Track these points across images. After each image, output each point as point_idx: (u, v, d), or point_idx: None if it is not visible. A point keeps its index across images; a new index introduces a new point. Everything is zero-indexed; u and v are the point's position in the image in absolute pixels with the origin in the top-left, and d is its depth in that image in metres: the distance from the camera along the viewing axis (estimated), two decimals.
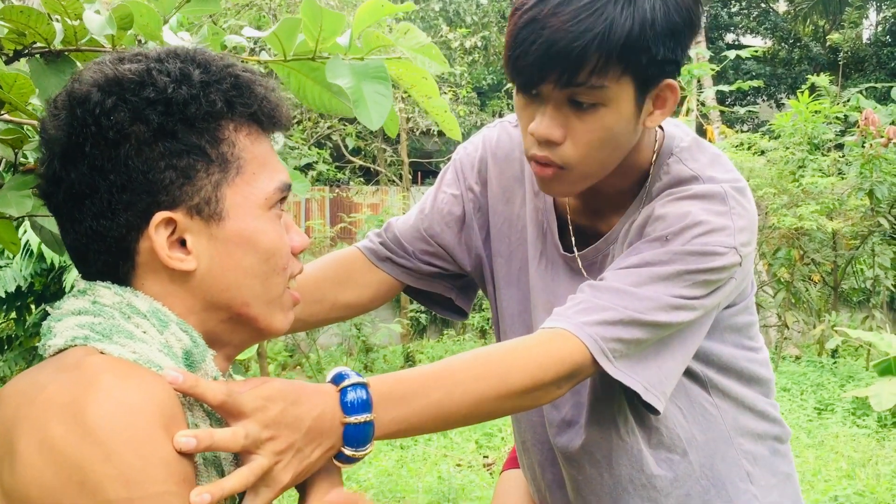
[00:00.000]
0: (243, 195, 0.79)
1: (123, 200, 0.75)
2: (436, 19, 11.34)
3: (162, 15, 1.01)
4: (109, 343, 0.73)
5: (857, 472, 4.18)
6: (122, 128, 0.74)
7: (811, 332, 7.53)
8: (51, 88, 0.92)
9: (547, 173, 1.03)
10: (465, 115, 10.11)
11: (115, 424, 0.66)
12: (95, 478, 0.65)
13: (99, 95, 0.74)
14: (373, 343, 7.95)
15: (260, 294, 0.81)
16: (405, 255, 1.26)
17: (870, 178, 6.64)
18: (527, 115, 1.03)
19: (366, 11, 1.02)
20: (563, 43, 0.93)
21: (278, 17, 6.93)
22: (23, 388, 0.71)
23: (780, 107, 14.71)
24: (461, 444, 4.90)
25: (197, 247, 0.77)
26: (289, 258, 0.84)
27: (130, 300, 0.76)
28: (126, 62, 0.77)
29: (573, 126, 0.99)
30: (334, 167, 9.29)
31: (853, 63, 14.69)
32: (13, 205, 0.94)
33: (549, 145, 1.01)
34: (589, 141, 1.00)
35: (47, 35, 0.93)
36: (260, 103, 0.80)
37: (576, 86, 0.96)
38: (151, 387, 0.70)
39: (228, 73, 0.79)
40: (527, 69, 0.97)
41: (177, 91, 0.75)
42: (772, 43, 15.84)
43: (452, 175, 1.28)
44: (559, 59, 0.94)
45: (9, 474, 0.67)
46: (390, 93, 0.99)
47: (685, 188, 1.08)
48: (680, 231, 1.04)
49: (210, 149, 0.77)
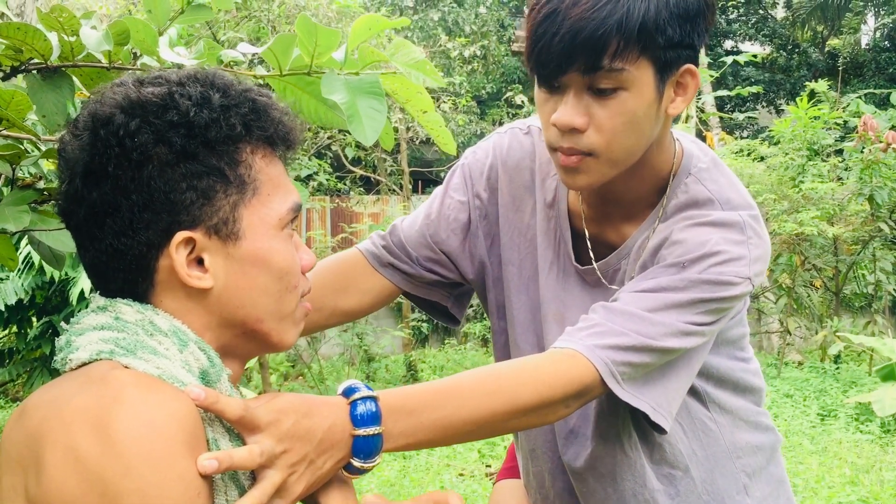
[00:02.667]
0: (259, 216, 0.82)
1: (145, 219, 0.77)
2: (434, 29, 11.37)
3: (157, 27, 1.01)
4: (134, 358, 0.74)
5: (860, 478, 4.16)
6: (146, 149, 0.76)
7: (813, 337, 7.53)
8: (48, 104, 0.93)
9: (573, 162, 1.04)
10: (465, 124, 10.12)
11: (138, 440, 0.67)
12: (115, 490, 0.66)
13: (123, 117, 0.77)
14: (374, 352, 7.94)
15: (273, 311, 0.84)
16: (408, 261, 1.26)
17: (870, 184, 6.64)
18: (548, 109, 1.04)
19: (361, 26, 1.03)
20: (586, 31, 0.95)
21: (277, 29, 6.96)
22: (49, 400, 0.73)
23: (779, 113, 14.71)
24: (464, 453, 4.89)
25: (214, 265, 0.79)
26: (300, 276, 0.87)
27: (152, 318, 0.79)
28: (148, 85, 0.80)
29: (595, 113, 1.01)
30: (335, 177, 9.30)
31: (852, 68, 14.71)
32: (11, 220, 0.94)
33: (573, 134, 1.02)
34: (612, 126, 1.01)
35: (44, 51, 0.94)
36: (276, 127, 0.83)
37: (598, 71, 0.98)
38: (175, 403, 0.71)
39: (246, 98, 0.82)
40: (551, 60, 0.98)
41: (198, 114, 0.78)
42: (770, 49, 15.86)
43: (460, 180, 1.28)
44: (582, 48, 0.96)
45: (35, 484, 0.69)
46: (385, 108, 1.00)
47: (704, 213, 1.09)
48: (698, 259, 1.05)
49: (228, 170, 0.79)
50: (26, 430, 0.72)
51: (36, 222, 1.00)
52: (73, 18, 0.93)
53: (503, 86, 12.47)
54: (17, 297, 5.64)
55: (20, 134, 0.99)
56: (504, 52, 13.10)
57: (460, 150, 1.32)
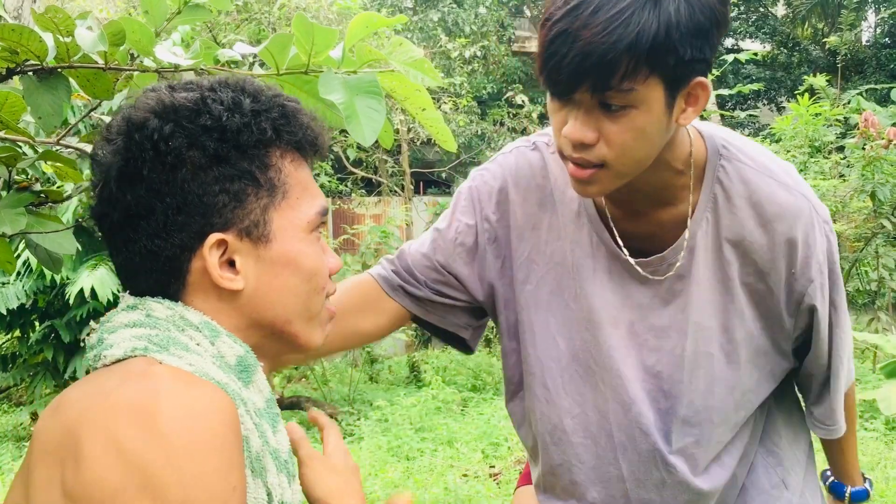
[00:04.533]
0: (288, 219, 0.84)
1: (178, 222, 0.79)
2: (434, 29, 11.37)
3: (154, 28, 1.01)
4: (167, 354, 0.75)
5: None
6: (180, 153, 0.78)
7: None
8: (44, 105, 0.92)
9: (584, 174, 1.05)
10: (466, 124, 10.10)
11: (182, 431, 0.68)
12: (157, 482, 0.67)
13: (157, 122, 0.78)
14: (377, 354, 7.94)
15: (302, 312, 0.86)
16: (416, 284, 1.27)
17: (872, 180, 6.62)
18: (560, 118, 1.05)
19: (358, 25, 1.03)
20: (596, 55, 0.95)
21: (277, 31, 6.95)
22: (88, 393, 0.74)
23: (780, 110, 14.70)
24: (467, 454, 4.88)
25: (245, 267, 0.82)
26: (327, 278, 0.89)
27: (183, 313, 0.80)
28: (180, 90, 0.82)
29: (605, 128, 1.01)
30: (336, 179, 9.30)
31: (853, 65, 14.69)
32: (7, 223, 0.94)
33: (584, 147, 1.03)
34: (622, 141, 1.02)
35: (39, 52, 0.93)
36: (304, 132, 0.86)
37: (607, 90, 0.98)
38: (214, 396, 0.72)
39: (276, 103, 0.84)
40: (562, 78, 0.99)
41: (230, 119, 0.80)
42: (771, 47, 15.84)
43: (467, 202, 1.28)
44: (593, 69, 0.96)
45: (72, 475, 0.69)
46: (383, 107, 1.00)
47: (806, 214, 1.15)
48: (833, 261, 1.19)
49: (259, 174, 0.82)
50: (63, 422, 0.72)
51: (33, 225, 0.99)
52: (69, 19, 0.92)
53: (504, 86, 12.47)
54: (19, 301, 5.65)
55: (16, 136, 0.98)
56: (504, 53, 13.10)
57: (461, 150, 1.31)
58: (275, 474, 0.79)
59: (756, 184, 1.14)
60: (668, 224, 1.16)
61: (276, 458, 0.80)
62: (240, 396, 0.76)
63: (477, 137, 10.69)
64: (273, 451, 0.80)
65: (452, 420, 5.70)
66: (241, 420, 0.75)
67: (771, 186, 1.14)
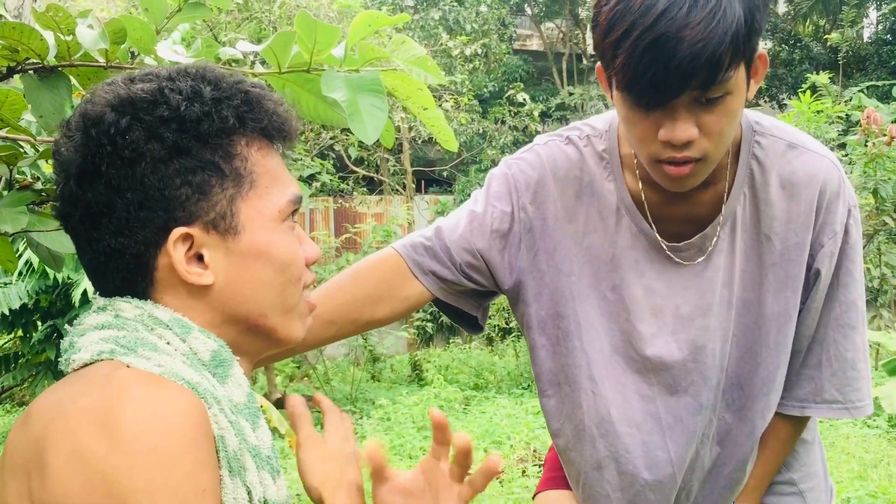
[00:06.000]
0: (257, 209, 0.81)
1: (140, 218, 0.76)
2: (436, 28, 11.37)
3: (154, 26, 1.00)
4: (135, 356, 0.73)
5: (868, 473, 4.15)
6: (138, 146, 0.75)
7: None
8: (45, 104, 0.92)
9: (685, 171, 1.06)
10: (467, 122, 10.10)
11: (143, 436, 0.66)
12: (121, 488, 0.65)
13: (113, 115, 0.76)
14: (379, 353, 7.94)
15: (277, 305, 0.83)
16: (451, 267, 1.24)
17: (874, 177, 6.61)
18: (647, 126, 1.04)
19: (360, 23, 1.02)
20: (707, 53, 0.94)
21: (278, 29, 6.95)
22: (53, 403, 0.72)
23: (782, 107, 14.69)
24: None
25: (214, 261, 0.79)
26: (303, 269, 0.85)
27: (152, 311, 0.78)
28: (138, 82, 0.79)
29: (704, 121, 1.02)
30: (337, 178, 9.30)
31: (854, 62, 14.67)
32: (9, 221, 0.94)
33: (687, 145, 1.03)
34: (721, 129, 1.03)
35: (40, 51, 0.93)
36: (270, 118, 0.82)
37: (713, 85, 0.98)
38: (181, 398, 0.70)
39: (238, 90, 0.81)
40: (668, 84, 0.97)
41: (189, 108, 0.77)
42: (772, 44, 15.82)
43: (503, 188, 1.25)
44: (702, 68, 0.95)
45: (39, 488, 0.68)
46: (386, 105, 0.99)
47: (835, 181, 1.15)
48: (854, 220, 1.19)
49: (223, 164, 0.78)
50: (31, 434, 0.71)
51: (34, 223, 0.99)
52: (69, 17, 0.92)
53: (505, 84, 12.46)
54: (22, 301, 5.65)
55: (17, 136, 0.98)
56: (505, 51, 13.09)
57: (462, 148, 1.30)
58: (254, 472, 0.76)
59: (791, 155, 1.16)
60: (706, 203, 1.17)
61: (255, 455, 0.77)
62: (213, 395, 0.74)
63: (478, 136, 10.68)
64: (252, 448, 0.77)
65: (455, 419, 5.70)
66: (214, 419, 0.73)
67: (805, 155, 1.16)
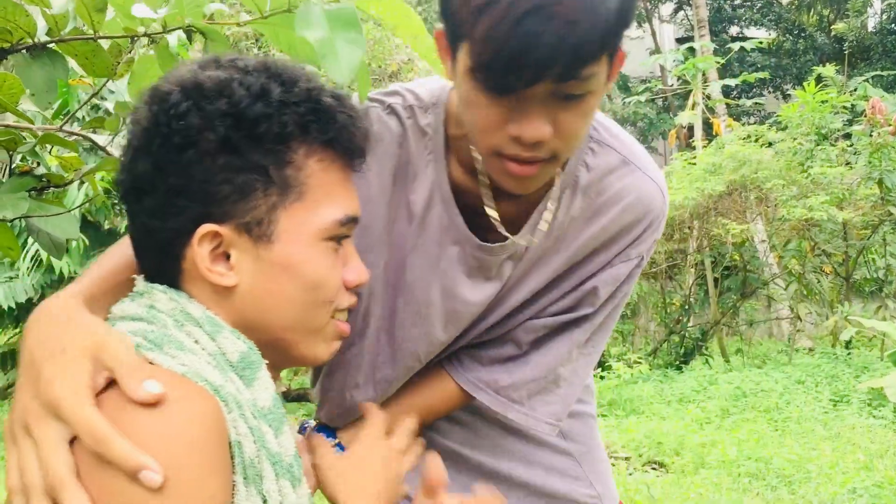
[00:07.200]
0: (298, 221, 0.77)
1: (178, 205, 0.75)
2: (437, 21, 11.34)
3: None
4: (160, 353, 0.72)
5: (874, 463, 4.14)
6: (190, 133, 0.73)
7: (824, 323, 7.48)
8: (38, 81, 0.90)
9: (531, 171, 0.92)
10: None
11: (155, 438, 0.66)
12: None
13: (177, 96, 0.74)
14: None
15: (299, 322, 0.80)
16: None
17: (879, 167, 6.59)
18: (494, 114, 0.88)
19: None
20: (576, 34, 0.79)
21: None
22: None
23: (786, 98, 14.63)
24: None
25: (240, 264, 0.76)
26: (338, 292, 0.82)
27: (185, 306, 0.76)
28: (213, 68, 0.77)
29: (560, 119, 0.87)
30: None
31: (859, 52, 14.61)
32: (9, 207, 0.93)
33: (538, 144, 0.89)
34: (576, 129, 0.90)
35: (28, 27, 0.91)
36: (338, 131, 0.79)
37: (572, 79, 0.83)
38: (197, 404, 0.69)
39: (311, 96, 0.77)
40: (527, 65, 0.80)
41: (250, 107, 0.74)
42: (776, 34, 15.75)
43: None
44: (566, 53, 0.79)
45: None
46: (363, 39, 0.89)
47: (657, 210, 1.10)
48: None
49: (273, 169, 0.76)
50: None
51: (35, 209, 0.98)
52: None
53: None
54: (27, 295, 5.67)
55: (17, 124, 0.97)
56: None
57: None
58: (272, 480, 0.74)
59: (623, 171, 1.08)
60: (524, 203, 1.07)
61: (276, 462, 0.75)
62: (235, 399, 0.72)
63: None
64: (273, 455, 0.75)
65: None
66: (232, 424, 0.71)
67: (635, 175, 1.08)
